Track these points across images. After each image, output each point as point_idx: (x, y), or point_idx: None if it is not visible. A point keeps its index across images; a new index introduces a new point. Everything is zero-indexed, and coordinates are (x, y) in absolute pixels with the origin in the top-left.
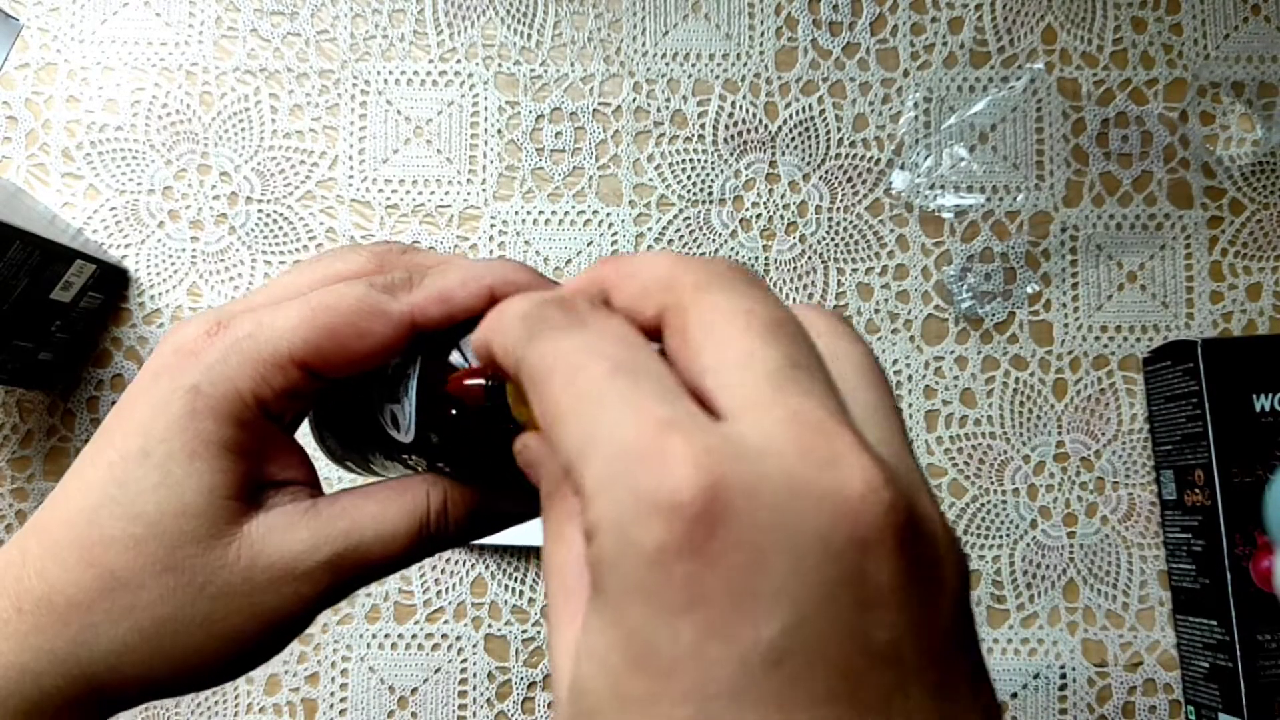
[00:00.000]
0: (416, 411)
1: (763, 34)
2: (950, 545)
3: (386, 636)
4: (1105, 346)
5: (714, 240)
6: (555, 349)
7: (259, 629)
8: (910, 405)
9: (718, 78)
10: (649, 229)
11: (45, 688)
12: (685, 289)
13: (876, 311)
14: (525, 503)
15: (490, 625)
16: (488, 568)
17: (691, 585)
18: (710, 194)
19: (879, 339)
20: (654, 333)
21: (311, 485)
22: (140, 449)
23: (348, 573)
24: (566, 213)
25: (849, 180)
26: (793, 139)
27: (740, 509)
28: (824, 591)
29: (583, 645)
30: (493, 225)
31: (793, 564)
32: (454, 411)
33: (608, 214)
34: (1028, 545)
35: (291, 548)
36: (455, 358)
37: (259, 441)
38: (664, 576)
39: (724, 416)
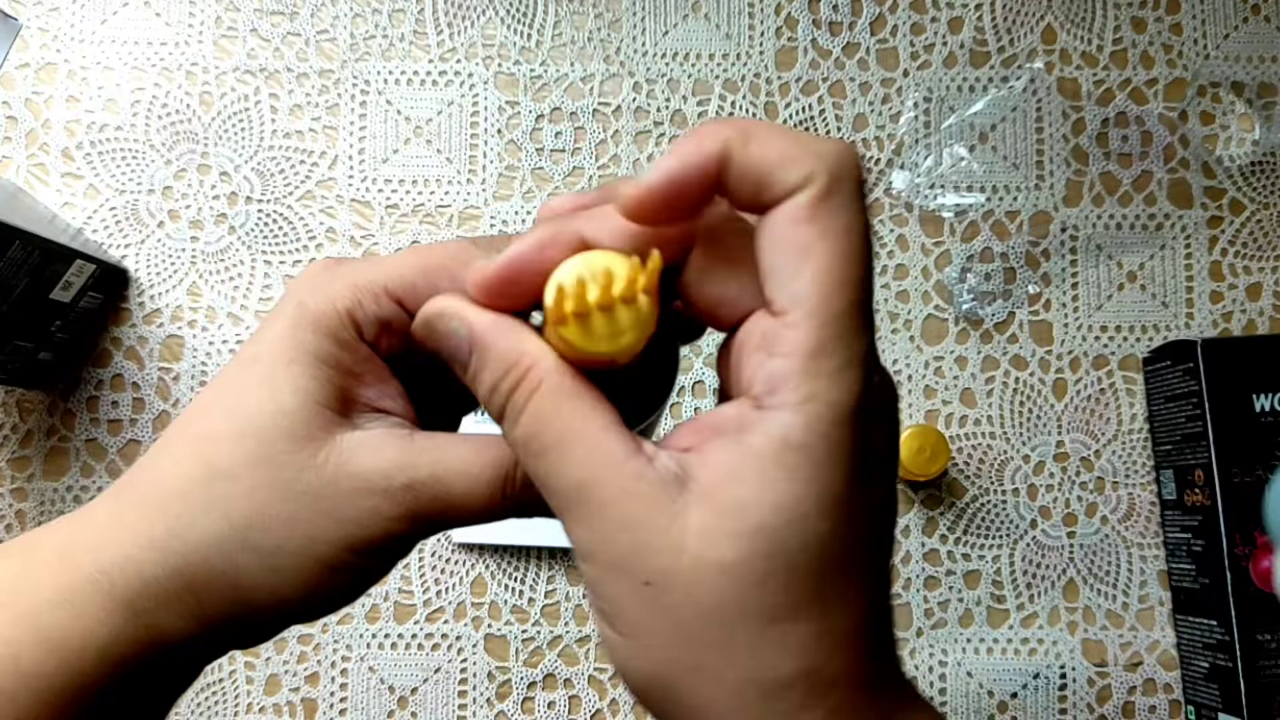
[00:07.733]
0: None
1: (763, 34)
2: None
3: (386, 636)
4: (1105, 346)
5: None
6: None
7: (339, 539)
8: (910, 405)
9: (718, 78)
10: None
11: (145, 576)
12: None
13: (876, 311)
14: None
15: (490, 625)
16: (488, 568)
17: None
18: None
19: (879, 339)
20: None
21: (411, 421)
22: (252, 355)
23: (426, 503)
24: None
25: None
26: None
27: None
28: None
29: (762, 495)
30: (493, 225)
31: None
32: None
33: None
34: (1028, 545)
35: (377, 463)
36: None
37: (356, 362)
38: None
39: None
